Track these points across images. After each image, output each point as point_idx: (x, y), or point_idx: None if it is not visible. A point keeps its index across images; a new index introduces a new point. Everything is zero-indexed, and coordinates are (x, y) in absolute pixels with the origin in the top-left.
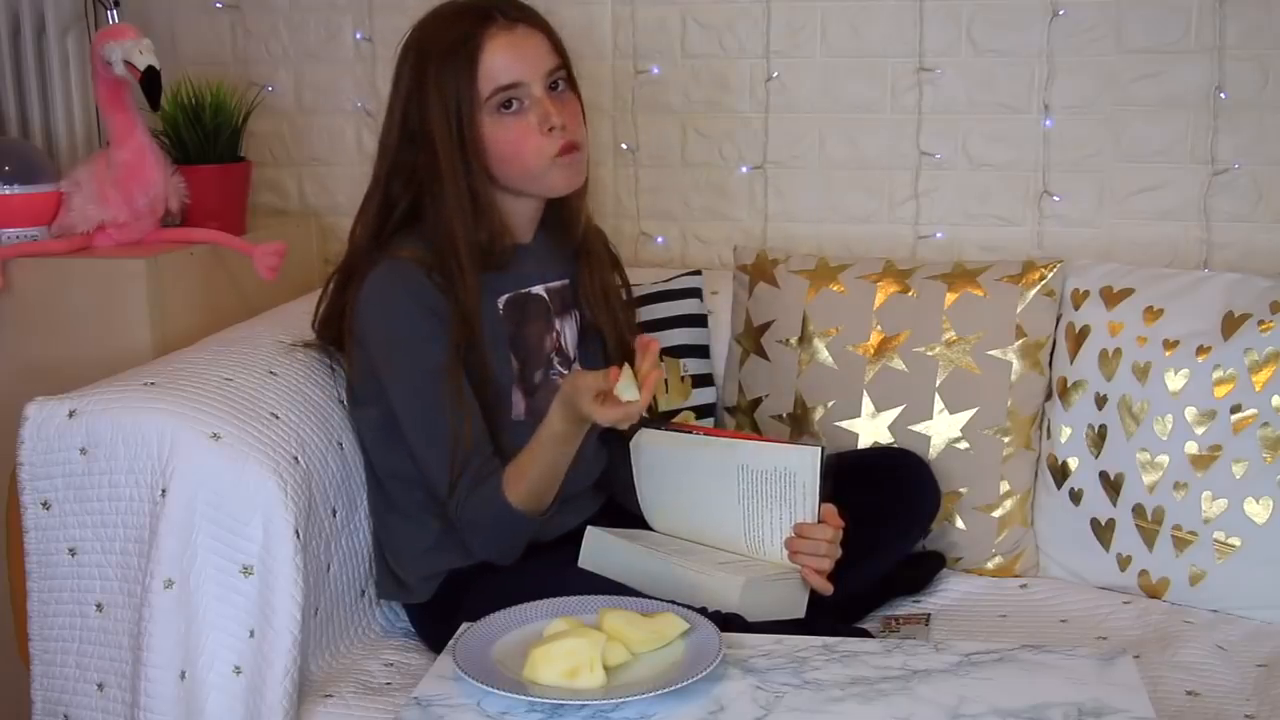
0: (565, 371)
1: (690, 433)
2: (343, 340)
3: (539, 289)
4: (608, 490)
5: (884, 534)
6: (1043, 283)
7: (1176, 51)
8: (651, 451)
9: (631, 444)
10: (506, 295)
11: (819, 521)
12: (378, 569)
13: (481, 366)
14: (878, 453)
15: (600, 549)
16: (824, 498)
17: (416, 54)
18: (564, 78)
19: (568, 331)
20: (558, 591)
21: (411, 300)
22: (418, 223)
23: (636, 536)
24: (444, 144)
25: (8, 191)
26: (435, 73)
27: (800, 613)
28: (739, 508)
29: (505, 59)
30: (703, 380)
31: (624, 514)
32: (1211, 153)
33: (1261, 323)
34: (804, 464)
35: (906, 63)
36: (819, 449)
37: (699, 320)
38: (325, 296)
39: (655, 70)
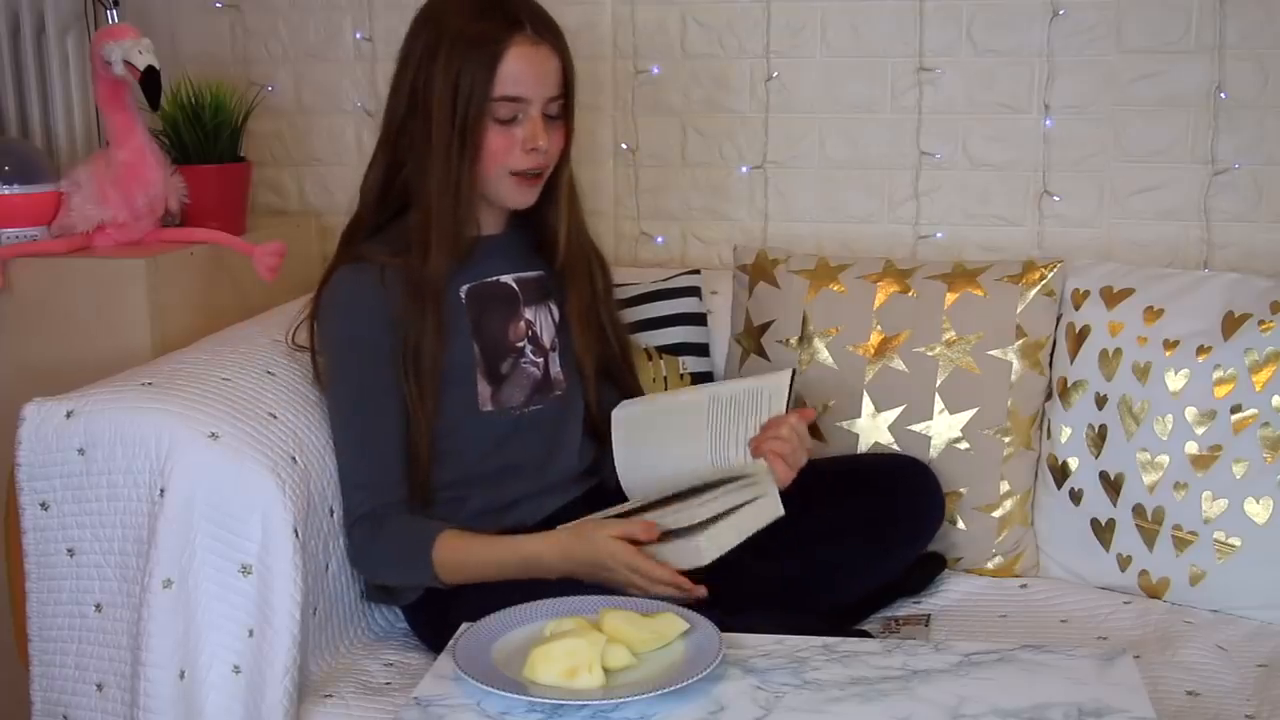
0: (539, 361)
1: None
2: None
3: (507, 278)
4: (594, 476)
5: (889, 543)
6: (1043, 283)
7: (1176, 51)
8: (631, 415)
9: (613, 413)
10: (469, 285)
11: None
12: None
13: (434, 370)
14: (883, 459)
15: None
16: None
17: (436, 28)
18: (561, 107)
19: (543, 321)
20: (557, 591)
21: (355, 310)
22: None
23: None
24: (441, 125)
25: (8, 191)
26: (450, 55)
27: (779, 511)
28: (707, 433)
29: (522, 72)
30: (702, 379)
31: (606, 500)
32: (1211, 153)
33: (1261, 323)
34: (774, 384)
35: (906, 63)
36: (788, 371)
37: (698, 319)
38: (321, 280)
39: (655, 70)
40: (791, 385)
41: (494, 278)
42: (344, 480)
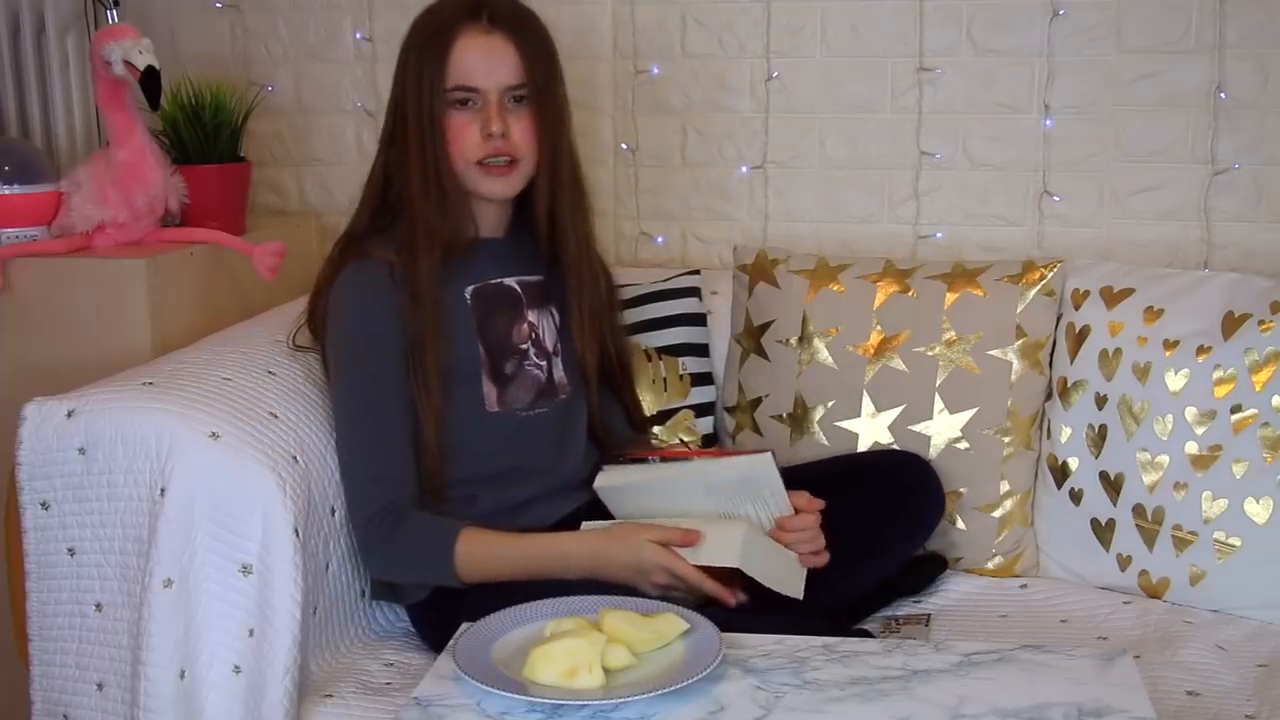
0: (542, 364)
1: (645, 460)
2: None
3: (510, 280)
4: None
5: (888, 537)
6: (1043, 283)
7: (1176, 51)
8: (618, 488)
9: (595, 487)
10: (474, 285)
11: (795, 513)
12: None
13: (443, 355)
14: (884, 456)
15: (619, 482)
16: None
17: (414, 31)
18: (527, 94)
19: (545, 325)
20: (558, 591)
21: (367, 305)
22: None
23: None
24: (413, 119)
25: (8, 191)
26: (416, 54)
27: (799, 594)
28: (714, 512)
29: (470, 62)
30: (701, 379)
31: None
32: (1211, 153)
33: (1261, 323)
34: (761, 470)
35: (906, 63)
36: (768, 454)
37: (698, 319)
38: (318, 281)
39: (655, 70)
40: (777, 464)
41: (497, 280)
42: (354, 476)
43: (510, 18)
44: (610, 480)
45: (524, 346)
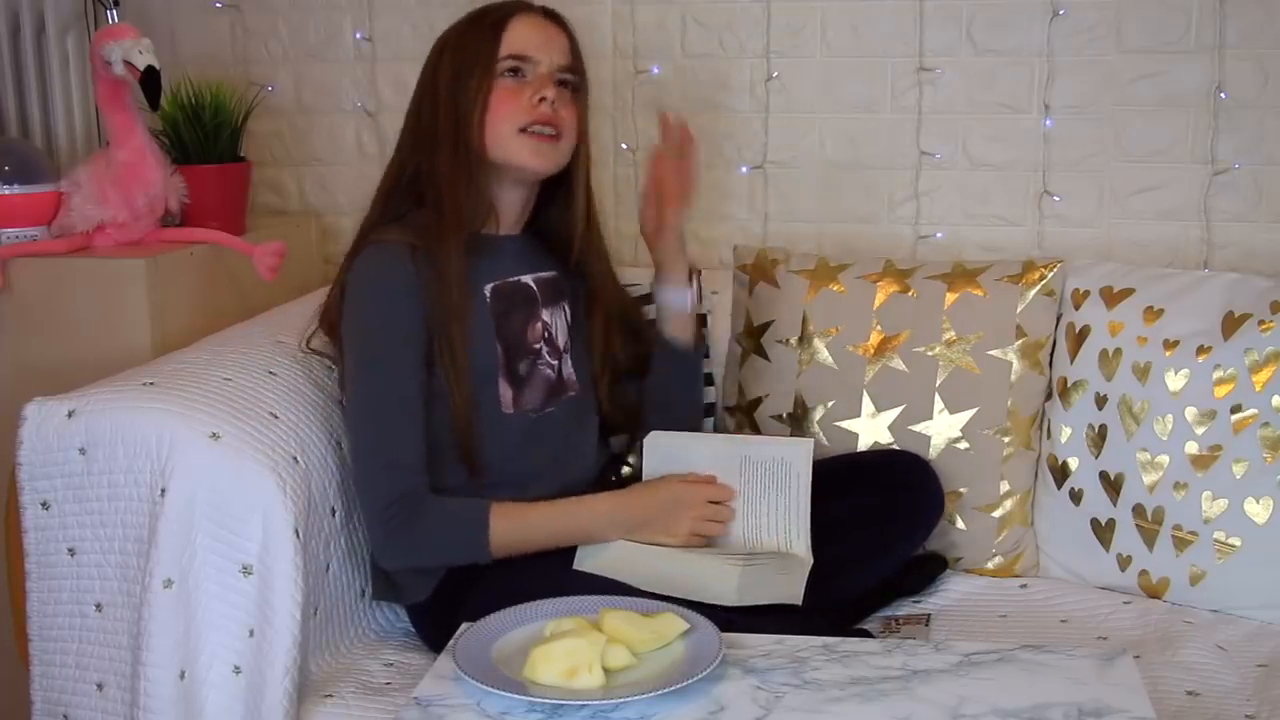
0: (554, 363)
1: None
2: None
3: (527, 278)
4: (604, 487)
5: (888, 537)
6: (1043, 283)
7: (1176, 51)
8: (661, 448)
9: (645, 442)
10: (493, 283)
11: (809, 508)
12: (371, 569)
13: (464, 351)
14: (882, 454)
15: (596, 548)
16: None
17: (446, 36)
18: (574, 83)
19: (558, 323)
20: (558, 591)
21: (387, 289)
22: (420, 207)
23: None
24: (450, 102)
25: (8, 191)
26: (457, 40)
27: (798, 599)
28: (740, 499)
29: (527, 34)
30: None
31: None
32: (1211, 153)
33: (1261, 323)
34: (798, 455)
35: (906, 63)
36: (810, 441)
37: (698, 320)
38: (336, 279)
39: (655, 70)
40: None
41: (515, 277)
42: (369, 463)
43: (559, 16)
44: (659, 439)
45: (537, 346)
